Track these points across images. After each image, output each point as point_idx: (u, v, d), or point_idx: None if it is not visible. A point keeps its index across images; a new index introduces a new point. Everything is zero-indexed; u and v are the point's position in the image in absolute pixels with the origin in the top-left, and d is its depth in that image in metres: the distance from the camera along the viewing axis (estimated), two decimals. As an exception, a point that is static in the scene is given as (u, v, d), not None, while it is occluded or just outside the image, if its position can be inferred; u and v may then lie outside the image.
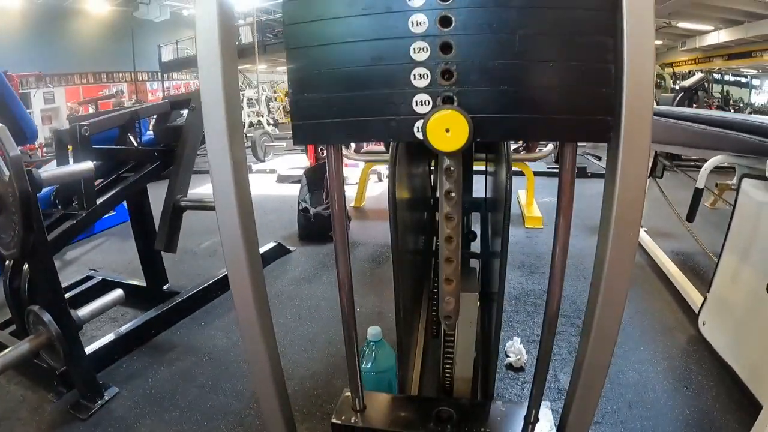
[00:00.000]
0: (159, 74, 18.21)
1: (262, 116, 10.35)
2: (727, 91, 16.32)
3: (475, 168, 1.89)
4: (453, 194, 0.73)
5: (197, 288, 2.37)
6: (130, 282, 2.56)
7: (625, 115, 0.65)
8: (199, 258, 3.12)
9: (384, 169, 4.94)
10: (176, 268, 2.71)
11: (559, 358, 1.77)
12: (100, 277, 2.62)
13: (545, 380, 0.89)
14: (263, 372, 0.92)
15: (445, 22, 0.65)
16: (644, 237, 3.01)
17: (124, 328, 2.00)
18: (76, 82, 16.05)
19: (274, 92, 15.81)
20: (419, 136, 0.68)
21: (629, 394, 1.54)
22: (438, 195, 0.84)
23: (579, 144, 0.74)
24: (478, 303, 1.20)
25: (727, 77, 17.25)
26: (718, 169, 3.46)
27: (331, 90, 0.71)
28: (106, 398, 1.63)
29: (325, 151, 0.83)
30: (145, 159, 2.20)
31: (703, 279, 2.43)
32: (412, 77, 0.67)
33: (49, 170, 1.64)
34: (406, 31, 0.66)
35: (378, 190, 4.85)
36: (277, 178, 5.75)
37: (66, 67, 15.53)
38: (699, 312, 1.99)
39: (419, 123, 0.68)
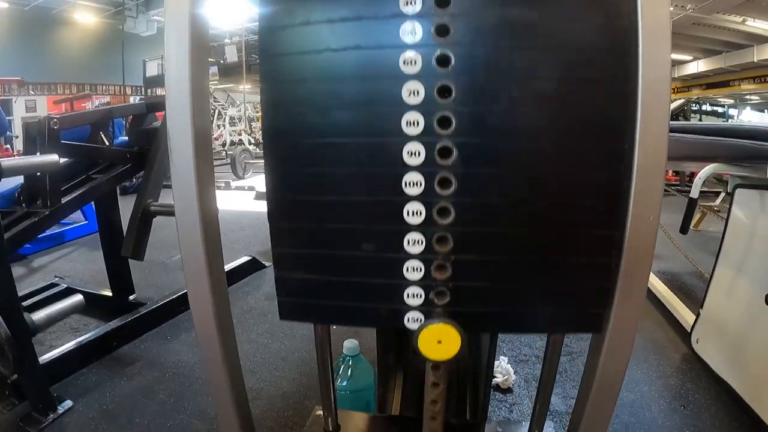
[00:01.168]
0: (143, 89, 18.08)
1: (243, 134, 10.32)
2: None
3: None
4: (438, 405, 0.73)
5: (164, 300, 2.23)
6: (96, 292, 2.40)
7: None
8: (170, 270, 2.96)
9: None
10: (146, 281, 2.57)
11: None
12: (65, 285, 2.47)
13: (550, 395, 0.80)
14: (224, 397, 0.80)
15: (443, 212, 0.63)
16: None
17: (83, 338, 1.85)
18: (59, 92, 15.80)
19: (257, 112, 15.77)
20: (410, 326, 0.67)
21: (625, 415, 1.45)
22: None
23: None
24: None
25: (704, 107, 17.69)
26: (701, 192, 3.47)
27: (319, 271, 0.69)
28: (59, 412, 1.49)
29: None
30: (116, 159, 2.09)
31: (691, 298, 2.39)
32: (404, 270, 0.65)
33: (11, 160, 1.52)
34: (399, 242, 0.64)
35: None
36: (256, 195, 5.55)
37: (49, 76, 15.31)
38: (691, 329, 1.92)
39: (411, 314, 0.67)
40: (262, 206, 0.71)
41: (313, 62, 0.62)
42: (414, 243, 0.63)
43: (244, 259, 2.93)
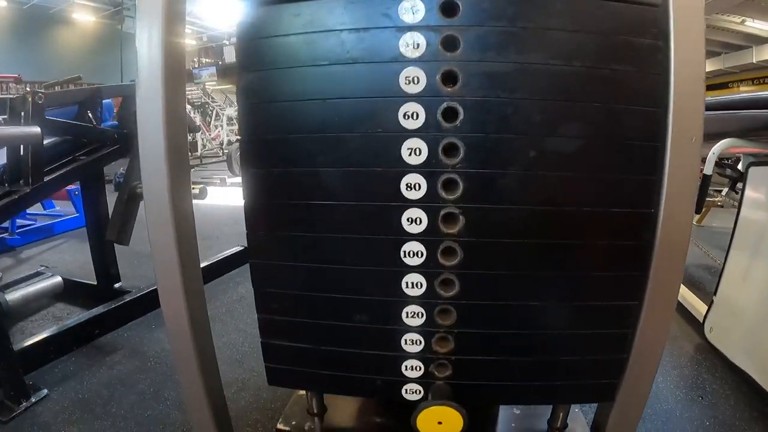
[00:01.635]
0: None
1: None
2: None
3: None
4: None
5: (150, 288, 2.12)
6: (80, 280, 2.30)
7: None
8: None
9: None
10: (134, 272, 2.46)
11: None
12: (50, 274, 2.36)
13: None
14: (198, 400, 0.72)
15: (446, 284, 0.59)
16: None
17: (62, 326, 1.75)
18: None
19: None
20: (409, 398, 0.63)
21: (639, 406, 1.34)
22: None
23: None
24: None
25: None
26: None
27: (309, 339, 0.65)
28: (33, 400, 1.40)
29: None
30: (103, 140, 1.99)
31: (700, 289, 2.29)
32: (402, 342, 0.61)
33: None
34: (397, 314, 0.60)
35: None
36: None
37: (47, 74, 15.22)
38: (704, 319, 1.82)
39: (410, 386, 0.64)
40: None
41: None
42: (414, 315, 0.59)
43: (237, 249, 2.83)
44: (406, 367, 0.61)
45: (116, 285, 2.23)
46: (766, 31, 12.81)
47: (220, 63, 14.49)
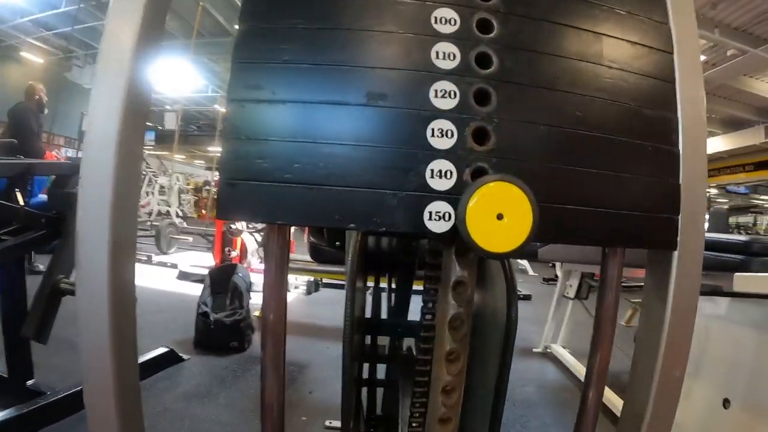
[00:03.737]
0: (77, 143, 17.39)
1: (171, 206, 9.98)
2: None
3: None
4: (463, 324, 0.50)
5: (70, 390, 1.89)
6: (-14, 372, 2.04)
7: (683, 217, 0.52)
8: (75, 352, 2.57)
9: (294, 279, 4.40)
10: (47, 361, 2.21)
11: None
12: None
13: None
14: None
15: (483, 60, 0.47)
16: (568, 358, 2.93)
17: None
18: (-9, 130, 14.90)
19: (188, 184, 15.39)
20: (435, 227, 0.43)
21: None
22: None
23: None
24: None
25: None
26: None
27: (293, 135, 0.45)
28: None
29: (233, 252, 0.58)
30: (30, 223, 1.84)
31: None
32: (428, 133, 0.45)
33: None
34: (427, 62, 0.46)
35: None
36: (179, 274, 5.14)
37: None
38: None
39: (435, 206, 0.43)
40: (185, 287, 0.53)
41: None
42: (444, 95, 0.44)
43: (161, 350, 2.59)
44: (431, 172, 0.43)
45: (29, 382, 1.99)
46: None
47: (159, 128, 14.30)
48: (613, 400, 2.13)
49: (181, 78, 12.48)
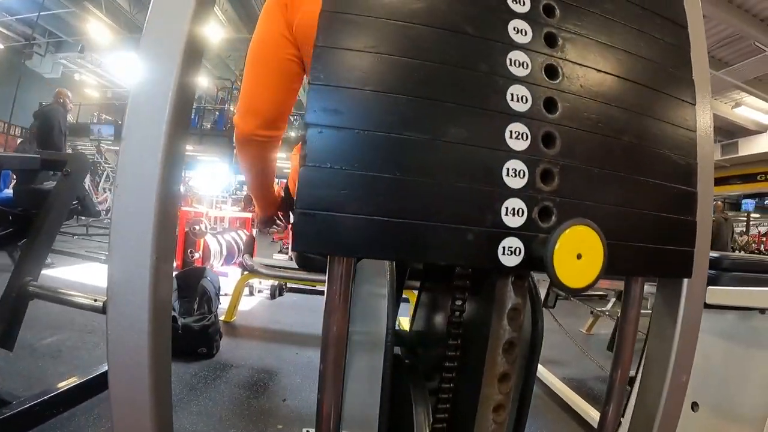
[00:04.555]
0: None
1: None
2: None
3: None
4: (515, 346, 0.54)
5: (37, 400, 1.77)
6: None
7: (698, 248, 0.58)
8: (38, 357, 2.44)
9: (257, 282, 4.39)
10: (9, 367, 2.10)
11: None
12: None
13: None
14: None
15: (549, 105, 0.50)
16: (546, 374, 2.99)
17: None
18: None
19: None
20: (508, 261, 0.46)
21: None
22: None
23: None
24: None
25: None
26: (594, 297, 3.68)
27: (371, 167, 0.45)
28: None
29: (196, 254, 0.56)
30: (-6, 220, 1.75)
31: (600, 402, 2.39)
32: (504, 172, 0.47)
33: None
34: (503, 104, 0.48)
35: (251, 304, 4.25)
36: None
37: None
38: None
39: (508, 242, 0.47)
40: None
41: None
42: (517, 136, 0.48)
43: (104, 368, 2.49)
44: (506, 210, 0.46)
45: (-9, 390, 1.87)
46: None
47: (120, 122, 13.84)
48: (593, 414, 2.19)
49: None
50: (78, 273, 4.50)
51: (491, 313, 0.54)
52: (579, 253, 0.44)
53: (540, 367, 2.85)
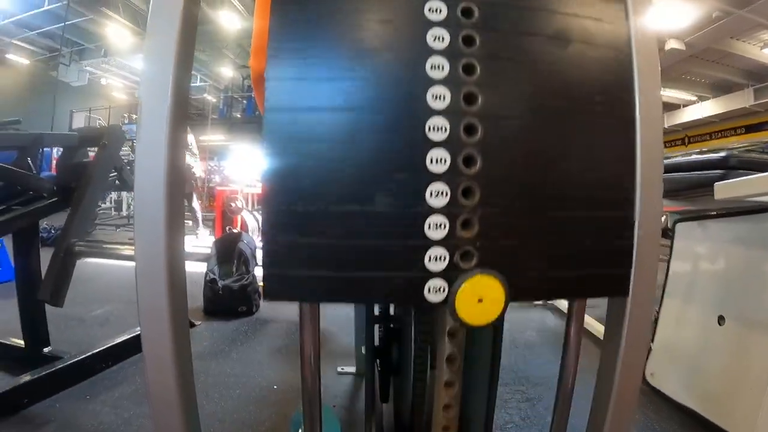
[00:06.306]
0: (68, 141, 17.19)
1: None
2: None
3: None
4: (456, 360, 0.66)
5: (84, 355, 1.96)
6: (5, 342, 2.11)
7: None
8: (87, 326, 2.65)
9: None
10: (61, 335, 2.27)
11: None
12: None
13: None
14: None
15: (468, 161, 0.57)
16: (565, 305, 3.01)
17: (-12, 393, 1.58)
18: (-21, 134, 14.81)
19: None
20: (433, 299, 0.55)
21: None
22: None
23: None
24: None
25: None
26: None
27: (319, 235, 0.56)
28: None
29: (234, 230, 0.68)
30: (42, 190, 1.89)
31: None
32: (426, 226, 0.56)
33: None
34: (422, 168, 0.56)
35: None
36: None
37: (-24, 112, 14.35)
38: (644, 365, 1.92)
39: (432, 283, 0.56)
40: (189, 266, 0.61)
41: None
42: (437, 195, 0.56)
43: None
44: (429, 258, 0.56)
45: (46, 349, 2.05)
46: (675, 98, 14.14)
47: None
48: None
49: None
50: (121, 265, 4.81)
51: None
52: (480, 297, 0.54)
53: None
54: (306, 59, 0.55)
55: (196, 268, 3.62)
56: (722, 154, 1.49)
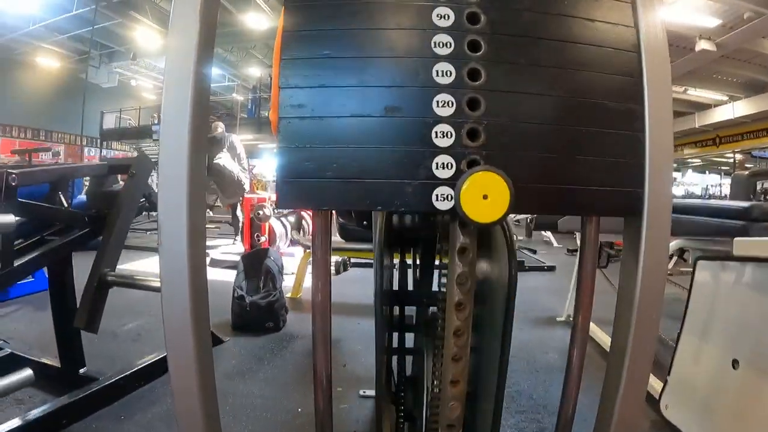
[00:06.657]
0: (98, 141, 17.79)
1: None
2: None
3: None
4: (467, 280, 0.63)
5: (119, 375, 2.06)
6: (43, 361, 2.22)
7: (649, 190, 0.61)
8: (120, 341, 2.77)
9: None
10: (93, 349, 2.37)
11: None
12: (9, 350, 2.27)
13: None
14: None
15: (473, 74, 0.59)
16: (591, 327, 2.98)
17: (32, 414, 1.68)
18: (14, 135, 15.37)
19: None
20: (441, 206, 0.57)
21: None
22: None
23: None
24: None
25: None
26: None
27: (330, 142, 0.58)
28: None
29: (262, 237, 0.72)
30: (74, 222, 1.99)
31: (655, 363, 2.40)
32: (433, 135, 0.58)
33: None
34: (429, 80, 0.59)
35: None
36: (210, 261, 5.21)
37: (6, 117, 14.89)
38: (660, 396, 1.93)
39: (440, 190, 0.58)
40: (218, 274, 0.65)
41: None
42: (443, 105, 0.58)
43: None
44: (436, 165, 0.57)
45: (81, 370, 2.16)
46: (705, 98, 13.82)
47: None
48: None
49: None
50: (152, 264, 5.00)
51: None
52: (485, 194, 0.54)
53: (593, 327, 2.89)
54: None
55: (226, 277, 3.76)
56: (745, 204, 1.47)
